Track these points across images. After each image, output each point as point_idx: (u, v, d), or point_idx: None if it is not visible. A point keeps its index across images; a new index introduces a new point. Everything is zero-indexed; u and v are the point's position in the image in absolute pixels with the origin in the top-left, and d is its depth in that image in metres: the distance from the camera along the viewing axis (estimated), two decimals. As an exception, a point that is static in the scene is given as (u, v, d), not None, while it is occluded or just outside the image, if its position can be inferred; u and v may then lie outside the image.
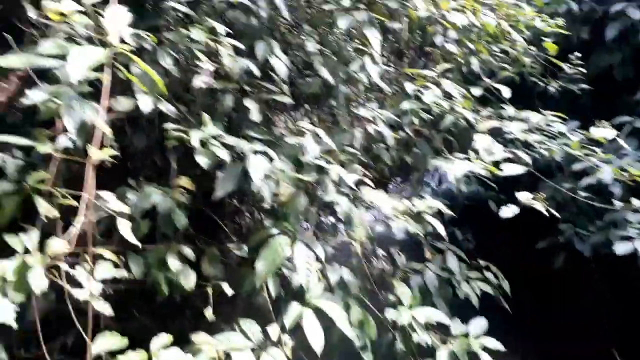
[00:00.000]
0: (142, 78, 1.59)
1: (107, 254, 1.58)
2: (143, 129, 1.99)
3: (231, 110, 2.15)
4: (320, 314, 2.04)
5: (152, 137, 2.02)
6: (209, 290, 1.93)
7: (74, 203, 1.59)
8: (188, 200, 1.92)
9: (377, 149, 2.46)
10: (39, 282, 1.31)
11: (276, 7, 2.12)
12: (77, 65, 1.22)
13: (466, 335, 2.25)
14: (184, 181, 1.99)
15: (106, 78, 1.37)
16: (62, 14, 1.56)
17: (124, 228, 1.58)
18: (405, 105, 2.39)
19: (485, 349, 2.18)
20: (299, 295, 2.13)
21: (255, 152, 1.94)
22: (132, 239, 1.58)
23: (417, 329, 2.25)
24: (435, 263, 2.65)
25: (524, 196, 2.30)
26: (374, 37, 2.13)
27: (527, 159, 2.46)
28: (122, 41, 1.39)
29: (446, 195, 3.40)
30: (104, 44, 1.40)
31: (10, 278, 1.28)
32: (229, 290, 1.94)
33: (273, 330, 1.95)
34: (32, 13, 1.84)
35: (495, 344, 2.19)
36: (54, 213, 1.50)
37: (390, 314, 2.28)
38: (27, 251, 1.38)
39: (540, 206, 2.26)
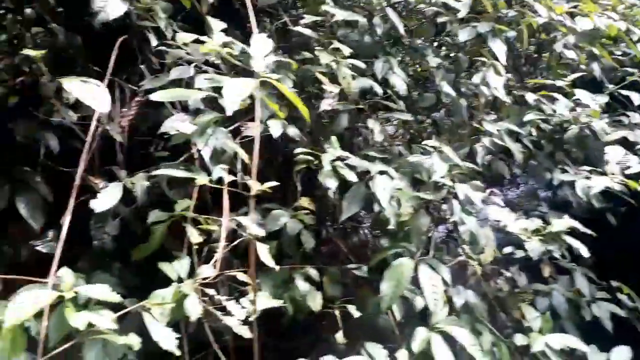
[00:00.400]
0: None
1: (244, 277, 1.60)
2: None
3: (343, 129, 2.14)
4: (447, 338, 1.96)
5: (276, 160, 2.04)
6: (337, 312, 1.90)
7: (215, 228, 1.63)
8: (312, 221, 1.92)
9: (496, 163, 2.34)
10: (195, 308, 1.34)
11: (391, 22, 2.09)
12: (232, 97, 1.24)
13: (609, 365, 2.06)
14: (306, 202, 1.99)
15: (257, 108, 1.38)
16: (198, 42, 1.63)
17: (263, 252, 1.59)
18: (529, 116, 2.25)
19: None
20: (423, 318, 2.05)
21: (381, 173, 1.91)
22: (270, 262, 1.59)
23: (550, 356, 2.09)
24: (561, 284, 2.46)
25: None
26: (499, 48, 2.03)
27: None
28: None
29: (559, 208, 3.17)
30: (247, 73, 1.43)
31: (167, 306, 1.32)
32: (355, 313, 1.90)
33: (401, 355, 1.89)
34: (155, 43, 1.94)
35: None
36: (200, 239, 1.54)
37: (519, 339, 2.14)
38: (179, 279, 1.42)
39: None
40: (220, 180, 1.58)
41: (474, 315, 2.13)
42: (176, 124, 1.66)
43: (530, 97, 2.34)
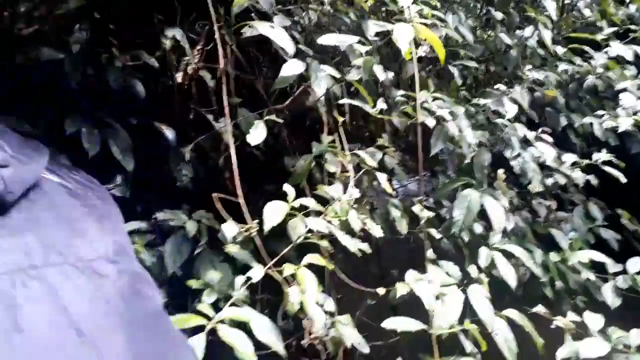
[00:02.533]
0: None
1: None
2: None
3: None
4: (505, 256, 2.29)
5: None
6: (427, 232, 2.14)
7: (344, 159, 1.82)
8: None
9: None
10: (356, 222, 1.54)
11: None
12: (404, 39, 1.42)
13: (624, 273, 2.50)
14: (385, 141, 2.21)
15: (414, 50, 1.55)
16: None
17: (382, 180, 1.81)
18: (562, 66, 2.58)
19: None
20: (481, 241, 2.38)
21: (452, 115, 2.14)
22: (389, 188, 1.82)
23: (580, 268, 2.50)
24: (577, 212, 2.88)
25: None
26: (549, 4, 2.30)
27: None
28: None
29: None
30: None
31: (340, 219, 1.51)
32: (437, 235, 2.17)
33: (472, 269, 2.20)
34: None
35: (656, 281, 2.43)
36: (336, 169, 1.72)
37: (554, 256, 2.53)
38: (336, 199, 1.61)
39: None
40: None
41: (520, 237, 2.50)
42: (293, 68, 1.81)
43: (561, 50, 2.66)
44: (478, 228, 2.40)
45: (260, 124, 1.65)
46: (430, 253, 2.09)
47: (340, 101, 1.77)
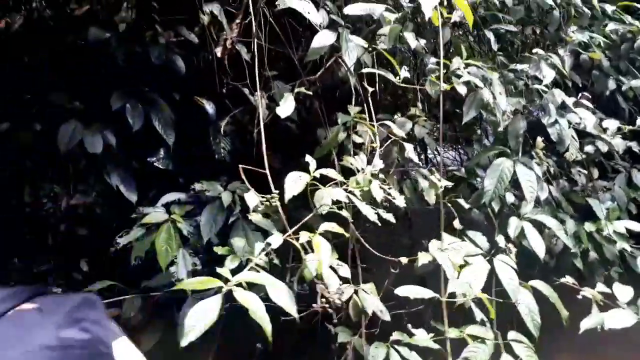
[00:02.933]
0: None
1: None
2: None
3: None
4: (536, 225, 2.28)
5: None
6: (450, 205, 2.17)
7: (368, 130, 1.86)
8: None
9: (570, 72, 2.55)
10: (378, 192, 1.60)
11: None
12: (428, 4, 1.42)
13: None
14: (417, 111, 2.22)
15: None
16: None
17: (410, 149, 1.84)
18: (611, 26, 2.45)
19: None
20: (514, 210, 2.37)
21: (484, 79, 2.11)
22: (415, 157, 1.85)
23: (616, 238, 2.46)
24: (619, 180, 2.79)
25: None
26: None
27: None
28: None
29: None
30: None
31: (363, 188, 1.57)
32: (465, 205, 2.19)
33: (500, 239, 2.22)
34: None
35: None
36: (362, 140, 1.77)
37: (588, 226, 2.49)
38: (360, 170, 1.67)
39: None
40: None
41: (553, 207, 2.47)
42: (324, 39, 1.84)
43: (610, 8, 2.52)
44: (510, 197, 2.40)
45: (289, 97, 1.71)
46: (457, 223, 2.12)
47: (363, 70, 1.79)
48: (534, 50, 2.15)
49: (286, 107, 1.67)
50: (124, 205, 2.14)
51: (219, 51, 2.20)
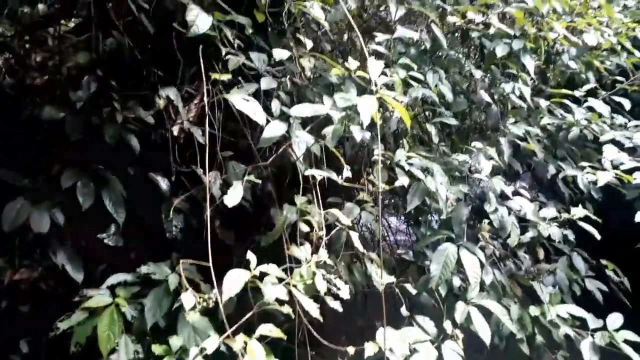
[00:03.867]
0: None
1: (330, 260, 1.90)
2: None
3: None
4: (481, 310, 2.34)
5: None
6: (397, 289, 2.22)
7: (313, 220, 1.91)
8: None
9: (511, 159, 2.72)
10: (322, 284, 1.63)
11: (437, 38, 2.39)
12: (366, 112, 1.52)
13: (604, 329, 2.51)
14: (367, 196, 2.30)
15: (379, 119, 1.65)
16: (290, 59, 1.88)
17: (355, 238, 1.90)
18: (545, 120, 2.66)
19: (625, 341, 2.44)
20: (459, 295, 2.43)
21: (425, 170, 2.22)
22: (360, 246, 1.90)
23: (560, 323, 2.53)
24: (561, 263, 2.91)
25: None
26: (529, 62, 2.39)
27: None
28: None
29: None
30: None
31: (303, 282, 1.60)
32: (413, 290, 2.24)
33: (447, 325, 2.25)
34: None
35: (634, 337, 2.44)
36: (308, 229, 1.82)
37: (533, 310, 2.56)
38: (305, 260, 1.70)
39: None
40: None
41: (499, 291, 2.54)
42: (274, 130, 1.93)
43: (544, 104, 2.74)
44: (457, 281, 2.47)
45: (238, 186, 1.76)
46: (404, 310, 2.15)
47: (307, 172, 1.86)
48: (473, 144, 2.30)
49: (234, 196, 1.71)
50: (70, 282, 2.09)
51: (175, 130, 2.26)
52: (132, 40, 2.24)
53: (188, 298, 1.45)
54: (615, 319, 2.54)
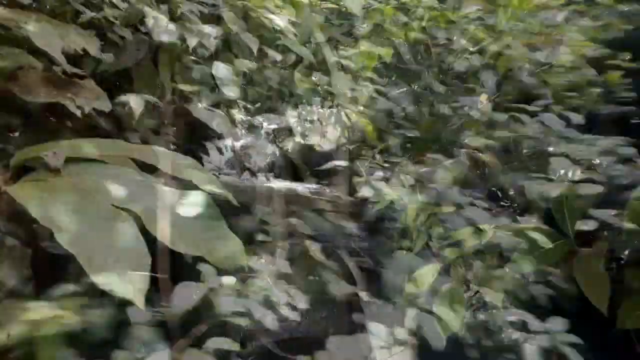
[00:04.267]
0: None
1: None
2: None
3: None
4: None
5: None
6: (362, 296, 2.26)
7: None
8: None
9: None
10: (280, 296, 1.65)
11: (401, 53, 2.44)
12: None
13: (547, 332, 2.64)
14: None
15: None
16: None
17: (314, 249, 1.93)
18: (499, 133, 2.76)
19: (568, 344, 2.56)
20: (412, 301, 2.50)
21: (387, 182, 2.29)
22: (320, 257, 1.94)
23: (507, 328, 2.65)
24: (512, 270, 3.03)
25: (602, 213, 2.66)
26: (489, 78, 2.48)
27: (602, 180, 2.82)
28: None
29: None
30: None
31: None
32: (371, 299, 2.29)
33: (399, 332, 2.32)
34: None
35: (576, 339, 2.56)
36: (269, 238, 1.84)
37: (482, 315, 2.67)
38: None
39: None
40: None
41: (451, 297, 2.63)
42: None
43: (501, 117, 2.84)
44: (411, 288, 2.53)
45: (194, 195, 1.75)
46: (357, 317, 2.21)
47: (267, 184, 1.89)
48: (432, 155, 2.38)
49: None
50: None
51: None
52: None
53: (136, 313, 1.44)
54: (558, 323, 2.68)
